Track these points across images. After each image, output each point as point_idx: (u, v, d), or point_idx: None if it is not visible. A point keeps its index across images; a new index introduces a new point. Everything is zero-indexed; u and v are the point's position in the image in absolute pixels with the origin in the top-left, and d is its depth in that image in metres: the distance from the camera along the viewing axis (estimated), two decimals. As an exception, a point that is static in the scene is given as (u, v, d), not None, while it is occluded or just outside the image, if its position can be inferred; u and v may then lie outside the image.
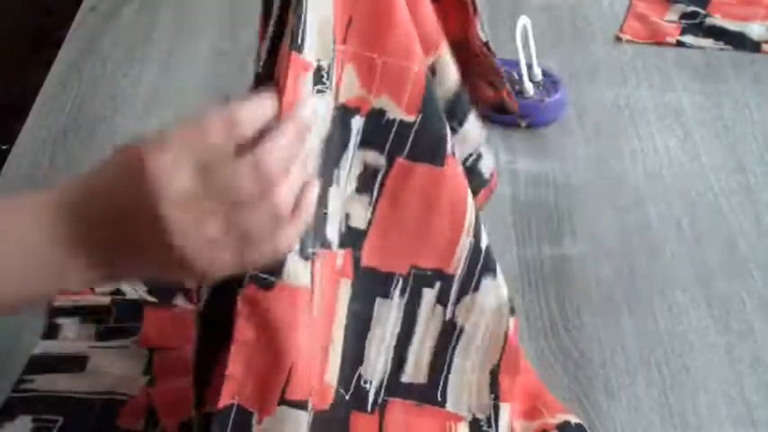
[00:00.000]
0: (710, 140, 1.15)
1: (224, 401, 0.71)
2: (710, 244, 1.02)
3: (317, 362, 0.75)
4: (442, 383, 0.83)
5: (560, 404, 0.87)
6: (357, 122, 0.75)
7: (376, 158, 0.77)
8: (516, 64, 1.18)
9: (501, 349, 0.83)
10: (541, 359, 0.90)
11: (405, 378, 0.83)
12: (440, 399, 0.83)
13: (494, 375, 0.83)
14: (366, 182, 0.77)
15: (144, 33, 1.34)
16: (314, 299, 0.72)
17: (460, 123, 0.81)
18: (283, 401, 0.71)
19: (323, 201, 0.72)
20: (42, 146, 1.16)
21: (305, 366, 0.71)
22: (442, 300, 0.81)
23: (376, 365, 0.81)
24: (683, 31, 1.32)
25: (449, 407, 0.83)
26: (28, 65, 1.50)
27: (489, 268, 0.82)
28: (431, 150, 0.77)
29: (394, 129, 0.76)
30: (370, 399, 0.82)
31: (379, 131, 0.76)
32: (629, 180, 1.10)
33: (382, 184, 0.77)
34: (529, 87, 1.17)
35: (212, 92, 1.20)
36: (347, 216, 0.77)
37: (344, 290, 0.78)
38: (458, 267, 0.81)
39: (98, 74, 1.26)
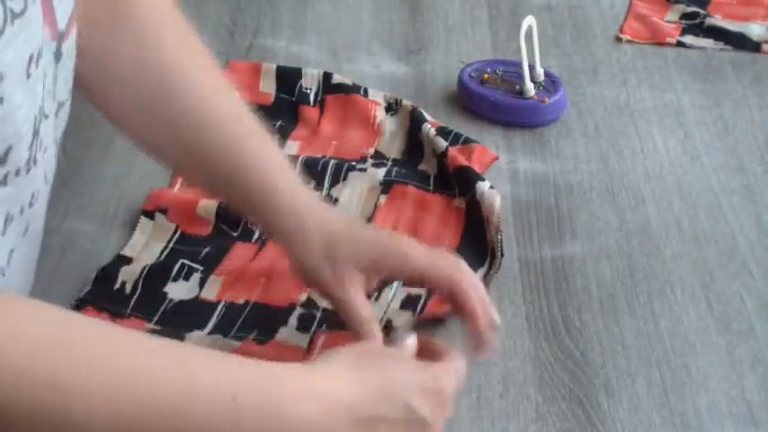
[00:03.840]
0: (710, 140, 1.15)
1: None
2: (710, 244, 1.02)
3: None
4: None
5: None
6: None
7: (418, 291, 0.96)
8: (517, 64, 1.18)
9: None
10: (541, 359, 0.90)
11: None
12: None
13: None
14: (410, 302, 0.96)
15: (144, 34, 1.33)
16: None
17: None
18: None
19: None
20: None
21: None
22: None
23: None
24: (684, 32, 1.32)
25: None
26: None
27: None
28: None
29: None
30: None
31: None
32: (629, 180, 1.10)
33: (424, 306, 0.95)
34: (530, 88, 1.17)
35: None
36: (389, 321, 0.94)
37: None
38: None
39: (98, 74, 1.25)
